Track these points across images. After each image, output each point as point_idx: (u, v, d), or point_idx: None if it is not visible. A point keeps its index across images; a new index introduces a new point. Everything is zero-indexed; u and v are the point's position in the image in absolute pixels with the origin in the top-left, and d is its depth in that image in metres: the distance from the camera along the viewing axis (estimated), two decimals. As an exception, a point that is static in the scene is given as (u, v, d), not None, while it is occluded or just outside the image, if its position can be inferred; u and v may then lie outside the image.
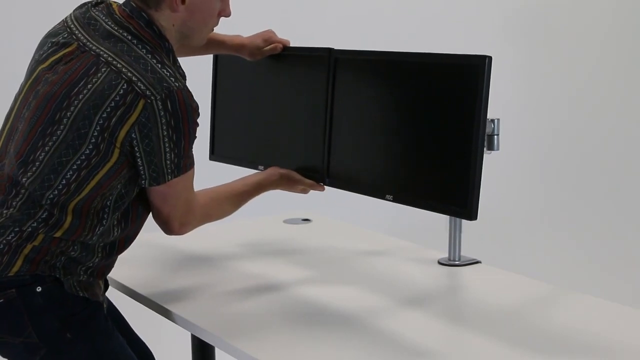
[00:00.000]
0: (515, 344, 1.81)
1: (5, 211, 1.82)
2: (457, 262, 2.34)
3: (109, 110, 1.76)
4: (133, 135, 1.77)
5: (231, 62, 2.61)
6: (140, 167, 1.83)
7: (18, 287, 1.79)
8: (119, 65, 1.79)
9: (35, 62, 1.92)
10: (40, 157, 1.81)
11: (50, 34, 1.93)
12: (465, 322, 1.99)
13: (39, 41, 1.95)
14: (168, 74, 1.81)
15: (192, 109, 1.83)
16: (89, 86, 1.79)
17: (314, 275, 2.29)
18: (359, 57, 2.31)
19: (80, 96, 1.79)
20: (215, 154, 2.69)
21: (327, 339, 1.86)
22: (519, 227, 5.42)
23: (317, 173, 2.36)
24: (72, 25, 1.90)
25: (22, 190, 1.82)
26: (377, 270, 2.34)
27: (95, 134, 1.78)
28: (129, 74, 1.78)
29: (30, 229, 1.80)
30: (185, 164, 1.87)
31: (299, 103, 2.43)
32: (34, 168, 1.81)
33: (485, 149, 2.03)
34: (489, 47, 2.79)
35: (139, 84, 1.77)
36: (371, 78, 2.26)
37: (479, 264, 2.35)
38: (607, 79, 5.94)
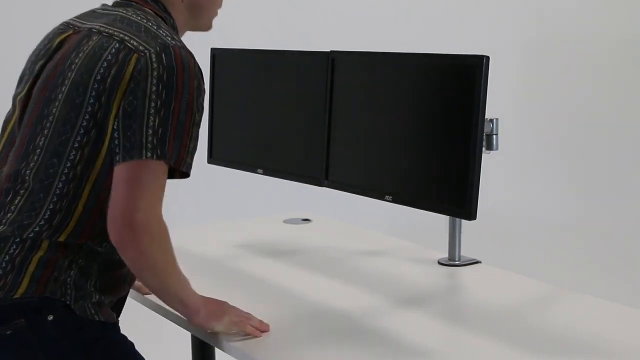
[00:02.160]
0: (515, 344, 1.81)
1: (3, 218, 1.68)
2: (457, 262, 2.34)
3: (102, 71, 1.65)
4: (125, 93, 1.63)
5: (228, 64, 2.61)
6: (115, 134, 1.62)
7: (27, 315, 1.62)
8: (110, 31, 1.71)
9: (32, 63, 1.83)
10: (41, 143, 1.69)
11: (45, 37, 1.87)
12: (465, 322, 1.99)
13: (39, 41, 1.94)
14: (164, 34, 1.69)
15: (191, 70, 1.64)
16: (81, 54, 1.70)
17: (314, 275, 2.29)
18: (357, 58, 2.31)
19: (73, 66, 1.70)
20: (214, 157, 2.69)
21: (327, 339, 1.86)
22: (519, 227, 5.42)
23: (316, 175, 2.36)
24: (68, 20, 1.85)
25: (22, 191, 1.68)
26: (377, 270, 2.34)
27: (92, 100, 1.65)
28: (121, 35, 1.68)
29: (32, 235, 1.65)
30: (171, 147, 1.61)
31: (298, 105, 2.43)
32: (36, 157, 1.69)
33: (484, 148, 2.03)
34: (488, 47, 2.79)
35: (131, 42, 1.66)
36: (370, 79, 2.26)
37: (479, 264, 2.35)
38: (606, 78, 5.94)
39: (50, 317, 1.64)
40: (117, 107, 1.63)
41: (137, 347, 1.80)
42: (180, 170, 1.67)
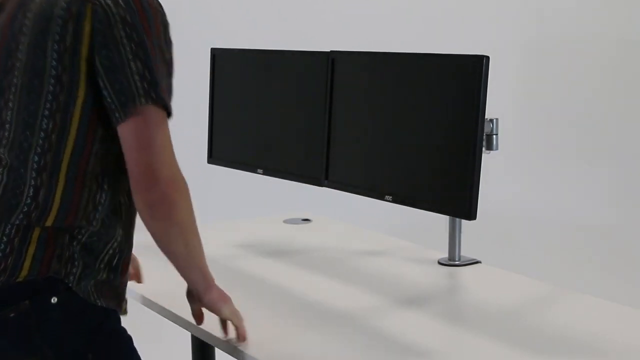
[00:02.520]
0: (515, 344, 1.81)
1: None
2: (457, 262, 2.34)
3: (58, 30, 1.54)
4: (95, 48, 1.53)
5: (228, 64, 2.61)
6: (105, 93, 1.53)
7: (31, 297, 1.57)
8: None
9: None
10: (8, 118, 1.60)
11: None
12: (465, 322, 1.99)
13: None
14: None
15: (152, 6, 1.56)
16: (29, 14, 1.58)
17: (314, 275, 2.29)
18: (357, 58, 2.31)
19: (24, 29, 1.58)
20: (214, 157, 2.69)
21: (327, 339, 1.86)
22: (519, 227, 5.42)
23: (316, 175, 2.36)
24: None
25: (0, 169, 1.61)
26: (377, 270, 2.34)
27: (54, 63, 1.55)
28: None
29: (21, 216, 1.57)
30: (163, 88, 1.54)
31: (298, 105, 2.43)
32: (6, 133, 1.60)
33: (484, 148, 2.03)
34: (488, 47, 2.79)
35: None
36: (370, 79, 2.26)
37: (479, 264, 2.35)
38: (606, 78, 5.94)
39: (54, 300, 1.58)
40: (87, 65, 1.54)
41: (137, 348, 1.80)
42: (170, 111, 1.59)
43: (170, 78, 1.61)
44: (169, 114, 1.60)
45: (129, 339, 1.76)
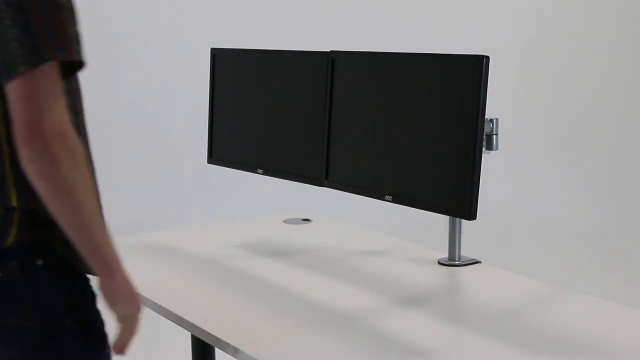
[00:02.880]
0: (515, 344, 1.81)
1: None
2: (457, 262, 2.34)
3: None
4: None
5: (228, 64, 2.61)
6: None
7: (19, 259, 1.57)
8: None
9: None
10: None
11: None
12: (465, 322, 1.99)
13: None
14: None
15: None
16: None
17: (314, 276, 2.29)
18: (357, 58, 2.32)
19: None
20: (214, 157, 2.69)
21: (327, 339, 1.86)
22: (519, 227, 5.42)
23: (316, 175, 2.36)
24: None
25: None
26: (377, 270, 2.34)
27: None
28: None
29: None
30: (48, 44, 1.45)
31: (298, 105, 2.43)
32: None
33: (484, 148, 2.03)
34: (488, 47, 2.79)
35: None
36: (369, 79, 2.26)
37: (479, 264, 2.35)
38: (606, 78, 5.94)
39: (40, 262, 1.58)
40: None
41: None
42: (72, 59, 1.50)
43: (73, 25, 1.51)
44: (73, 64, 1.52)
45: (103, 322, 1.71)
